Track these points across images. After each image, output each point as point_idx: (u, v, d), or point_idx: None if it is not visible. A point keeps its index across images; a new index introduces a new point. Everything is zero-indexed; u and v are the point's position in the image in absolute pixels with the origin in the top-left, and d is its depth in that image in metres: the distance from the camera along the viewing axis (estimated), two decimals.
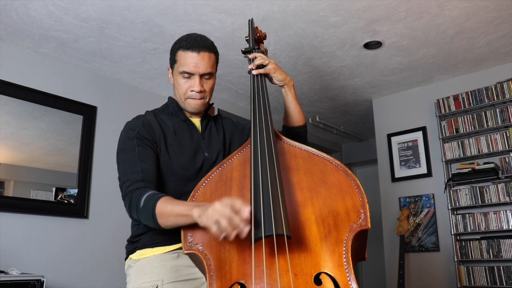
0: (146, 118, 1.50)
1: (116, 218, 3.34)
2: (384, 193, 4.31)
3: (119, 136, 1.47)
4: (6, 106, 3.09)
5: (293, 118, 1.62)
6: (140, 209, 1.27)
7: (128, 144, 1.42)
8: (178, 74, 1.48)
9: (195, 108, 1.51)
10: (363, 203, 1.14)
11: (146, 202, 1.26)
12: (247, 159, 1.32)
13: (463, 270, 3.58)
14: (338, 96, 4.46)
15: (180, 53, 1.47)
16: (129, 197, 1.31)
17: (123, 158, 1.42)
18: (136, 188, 1.31)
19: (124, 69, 3.63)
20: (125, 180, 1.36)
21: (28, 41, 3.14)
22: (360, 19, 2.98)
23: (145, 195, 1.27)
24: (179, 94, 1.50)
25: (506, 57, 3.64)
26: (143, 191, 1.29)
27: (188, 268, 1.35)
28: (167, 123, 1.51)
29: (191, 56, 1.45)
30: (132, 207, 1.30)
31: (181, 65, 1.46)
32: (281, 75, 1.55)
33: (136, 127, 1.45)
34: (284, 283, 1.02)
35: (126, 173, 1.38)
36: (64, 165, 3.37)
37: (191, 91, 1.47)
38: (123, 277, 1.51)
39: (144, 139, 1.42)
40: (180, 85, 1.48)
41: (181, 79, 1.47)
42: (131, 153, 1.40)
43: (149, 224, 1.29)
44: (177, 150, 1.46)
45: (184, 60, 1.45)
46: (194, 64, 1.45)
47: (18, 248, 2.96)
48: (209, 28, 3.01)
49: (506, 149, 3.55)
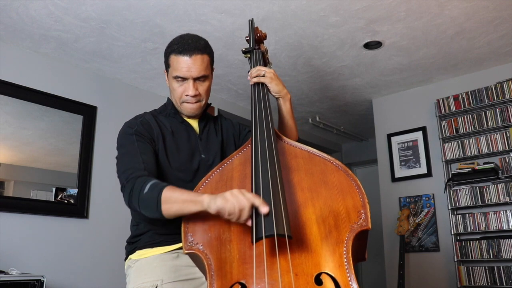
0: (145, 118, 1.50)
1: (116, 218, 3.34)
2: (384, 193, 4.31)
3: (118, 135, 1.47)
4: (6, 106, 3.09)
5: (285, 133, 1.58)
6: (143, 195, 1.24)
7: (128, 139, 1.42)
8: (172, 79, 1.47)
9: (191, 112, 1.51)
10: (364, 203, 1.14)
11: (151, 187, 1.24)
12: (247, 159, 1.32)
13: (463, 270, 3.58)
14: (338, 96, 4.46)
15: (172, 58, 1.45)
16: (132, 183, 1.29)
17: (123, 152, 1.40)
18: (140, 175, 1.30)
19: (124, 69, 3.63)
20: (126, 169, 1.34)
21: (28, 41, 3.14)
22: (360, 19, 2.98)
23: (151, 182, 1.26)
24: (175, 98, 1.50)
25: (506, 57, 3.64)
26: (147, 178, 1.28)
27: (188, 268, 1.35)
28: (165, 124, 1.51)
29: (183, 61, 1.42)
30: (133, 193, 1.27)
31: (174, 70, 1.44)
32: (277, 86, 1.52)
33: (134, 125, 1.45)
34: (285, 283, 1.02)
35: (128, 163, 1.36)
36: (64, 165, 3.37)
37: (186, 95, 1.46)
38: (123, 277, 1.51)
39: (143, 135, 1.42)
40: (175, 89, 1.47)
41: (175, 83, 1.46)
42: (131, 147, 1.39)
43: (148, 211, 1.25)
44: (174, 151, 1.46)
45: (177, 64, 1.43)
46: (186, 68, 1.42)
47: (18, 248, 2.96)
48: (209, 28, 3.01)
49: (506, 149, 3.55)
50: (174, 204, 1.20)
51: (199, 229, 1.19)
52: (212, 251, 1.14)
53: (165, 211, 1.21)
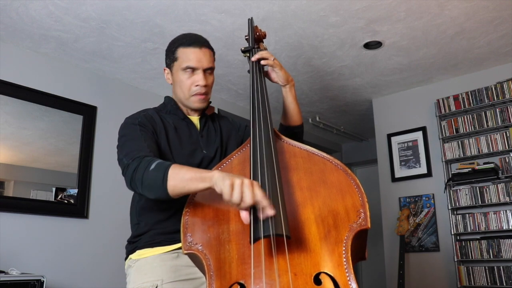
0: (148, 112, 1.50)
1: (116, 218, 3.34)
2: (384, 193, 4.31)
3: (120, 128, 1.45)
4: (6, 106, 3.09)
5: (292, 118, 1.63)
6: (149, 172, 1.22)
7: (131, 129, 1.41)
8: (180, 71, 1.47)
9: (199, 104, 1.51)
10: (363, 202, 1.14)
11: (158, 165, 1.22)
12: (246, 158, 1.32)
13: (463, 270, 3.58)
14: (338, 96, 4.46)
15: (181, 50, 1.48)
16: (138, 161, 1.26)
17: (126, 139, 1.39)
18: (146, 155, 1.29)
19: (124, 69, 3.63)
20: (130, 151, 1.32)
21: (28, 41, 3.14)
22: (360, 19, 2.98)
23: (157, 161, 1.24)
24: (183, 91, 1.49)
25: (506, 57, 3.63)
26: (153, 158, 1.27)
27: (188, 268, 1.35)
28: (167, 120, 1.51)
29: (193, 52, 1.46)
30: (138, 170, 1.24)
31: (184, 61, 1.46)
32: (285, 73, 1.58)
33: (138, 118, 1.46)
34: (284, 283, 1.01)
35: (132, 146, 1.34)
36: (64, 165, 3.37)
37: (196, 86, 1.47)
38: (123, 277, 1.51)
39: (146, 126, 1.42)
40: (183, 81, 1.48)
41: (183, 75, 1.47)
42: (135, 134, 1.38)
43: (153, 189, 1.23)
44: (177, 146, 1.46)
45: (187, 56, 1.46)
46: (197, 59, 1.46)
47: (18, 248, 2.96)
48: (209, 28, 3.01)
49: (506, 149, 3.55)
50: (182, 180, 1.18)
51: (198, 229, 1.18)
52: (211, 251, 1.14)
53: (170, 188, 1.19)
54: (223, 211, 1.19)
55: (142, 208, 1.45)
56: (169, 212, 1.39)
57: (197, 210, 1.22)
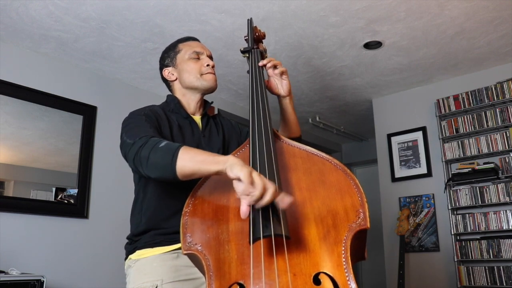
0: (153, 107, 1.52)
1: (116, 218, 3.34)
2: (384, 193, 4.31)
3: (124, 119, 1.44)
4: (6, 106, 3.09)
5: (291, 130, 1.63)
6: (157, 149, 1.18)
7: (136, 118, 1.41)
8: (186, 60, 1.56)
9: (212, 83, 1.56)
10: (362, 202, 1.14)
11: (168, 144, 1.19)
12: (245, 159, 1.31)
13: (463, 270, 3.58)
14: (338, 96, 4.46)
15: (181, 44, 1.60)
16: (145, 139, 1.23)
17: (130, 127, 1.36)
18: (154, 136, 1.27)
19: (124, 69, 3.63)
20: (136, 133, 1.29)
21: (28, 41, 3.14)
22: (360, 19, 2.98)
23: (167, 141, 1.22)
24: (193, 74, 1.54)
25: (506, 57, 3.63)
26: (162, 139, 1.24)
27: (188, 268, 1.34)
28: (172, 117, 1.52)
29: (194, 43, 1.60)
30: (145, 147, 1.20)
31: (188, 49, 1.57)
32: (289, 83, 1.59)
33: (143, 111, 1.47)
34: (283, 283, 1.01)
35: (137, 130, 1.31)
36: (64, 165, 3.37)
37: (206, 65, 1.55)
38: (123, 277, 1.50)
39: (151, 118, 1.42)
40: (192, 67, 1.55)
41: (190, 62, 1.55)
42: (140, 122, 1.37)
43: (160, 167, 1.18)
44: (181, 142, 1.46)
45: (189, 46, 1.58)
46: (200, 46, 1.59)
47: (18, 248, 2.96)
48: (209, 28, 3.01)
49: (506, 149, 3.55)
50: (191, 161, 1.14)
51: (198, 229, 1.18)
52: (210, 252, 1.14)
53: (179, 168, 1.14)
54: (223, 212, 1.19)
55: (145, 207, 1.45)
56: (170, 212, 1.39)
57: (197, 210, 1.22)
